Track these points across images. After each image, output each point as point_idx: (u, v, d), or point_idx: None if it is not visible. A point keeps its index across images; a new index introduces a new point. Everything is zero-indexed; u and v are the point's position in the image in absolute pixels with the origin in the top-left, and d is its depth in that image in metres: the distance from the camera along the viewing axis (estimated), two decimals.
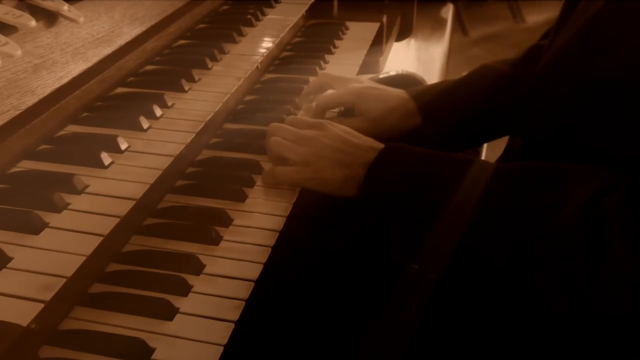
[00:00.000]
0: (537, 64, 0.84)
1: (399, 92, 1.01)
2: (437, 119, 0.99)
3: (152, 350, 0.61)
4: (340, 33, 1.32)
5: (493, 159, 0.94)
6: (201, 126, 0.87)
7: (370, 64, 1.32)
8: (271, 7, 1.29)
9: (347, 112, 1.03)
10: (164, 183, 0.81)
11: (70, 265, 0.62)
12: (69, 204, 0.70)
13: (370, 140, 0.83)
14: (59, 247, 0.64)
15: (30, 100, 0.74)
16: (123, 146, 0.80)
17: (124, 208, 0.70)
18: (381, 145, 0.81)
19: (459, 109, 1.00)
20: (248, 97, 1.08)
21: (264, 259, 0.73)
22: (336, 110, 1.04)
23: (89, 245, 0.65)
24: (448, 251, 0.74)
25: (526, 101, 0.82)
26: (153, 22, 0.99)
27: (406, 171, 0.77)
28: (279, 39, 1.16)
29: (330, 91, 1.05)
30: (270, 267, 0.73)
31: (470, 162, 0.76)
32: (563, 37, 0.79)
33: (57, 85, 0.78)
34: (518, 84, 0.88)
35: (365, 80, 1.05)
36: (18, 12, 0.73)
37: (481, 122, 1.00)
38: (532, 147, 0.82)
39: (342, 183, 0.80)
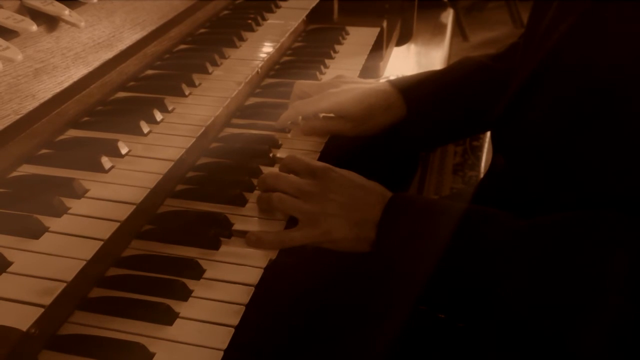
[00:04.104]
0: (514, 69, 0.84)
1: (379, 87, 1.00)
2: (421, 106, 0.98)
3: (152, 355, 0.61)
4: (340, 38, 1.32)
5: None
6: (201, 131, 0.87)
7: (370, 69, 1.32)
8: (272, 11, 1.29)
9: None
10: (165, 187, 0.81)
11: (70, 270, 0.62)
12: (69, 208, 0.70)
13: (375, 189, 0.79)
14: (59, 251, 0.64)
15: (31, 105, 0.74)
16: (123, 150, 0.80)
17: (124, 212, 0.70)
18: (387, 197, 0.77)
19: (442, 94, 0.99)
20: (248, 102, 1.09)
21: (264, 263, 0.73)
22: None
23: (89, 249, 0.65)
24: (473, 302, 0.72)
25: (507, 120, 0.81)
26: (154, 27, 1.00)
27: (418, 228, 0.74)
28: (279, 44, 1.17)
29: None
30: (271, 272, 0.73)
31: (483, 213, 0.74)
32: (542, 46, 0.77)
33: (57, 89, 0.78)
34: (498, 77, 0.89)
35: (342, 82, 1.01)
36: (19, 17, 0.73)
37: (463, 110, 1.00)
38: (516, 166, 0.80)
39: (354, 242, 0.77)
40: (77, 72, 0.82)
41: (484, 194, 0.91)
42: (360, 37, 1.36)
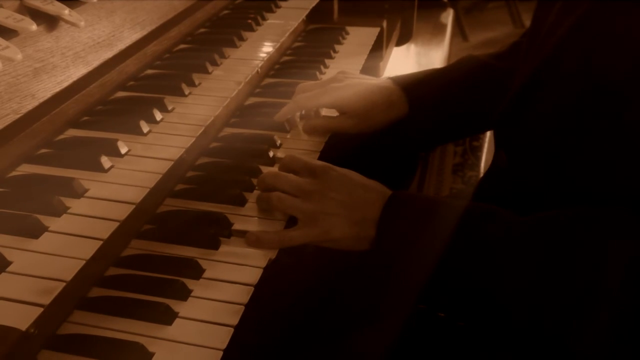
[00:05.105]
0: (517, 67, 0.84)
1: (381, 83, 1.00)
2: (423, 103, 0.98)
3: (152, 354, 0.61)
4: (340, 38, 1.32)
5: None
6: (201, 130, 0.87)
7: (370, 69, 1.32)
8: (271, 11, 1.29)
9: None
10: (164, 187, 0.81)
11: (69, 269, 0.62)
12: (68, 207, 0.70)
13: (374, 188, 0.79)
14: (59, 251, 0.64)
15: (31, 104, 0.74)
16: (123, 150, 0.80)
17: (124, 212, 0.70)
18: (386, 195, 0.77)
19: (445, 92, 0.99)
20: (248, 102, 1.09)
21: (263, 263, 0.73)
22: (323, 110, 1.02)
23: (89, 249, 0.65)
24: (473, 299, 0.72)
25: (511, 117, 0.81)
26: (153, 27, 0.99)
27: (418, 226, 0.74)
28: (279, 44, 1.17)
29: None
30: (271, 272, 0.73)
31: (483, 210, 0.73)
32: (545, 45, 0.77)
33: (57, 89, 0.78)
34: (501, 76, 0.89)
35: (345, 77, 1.01)
36: (19, 16, 0.73)
37: (465, 109, 1.00)
38: (518, 163, 0.81)
39: (354, 241, 0.77)
40: (77, 72, 0.82)
41: (483, 193, 0.91)
42: (360, 37, 1.36)
